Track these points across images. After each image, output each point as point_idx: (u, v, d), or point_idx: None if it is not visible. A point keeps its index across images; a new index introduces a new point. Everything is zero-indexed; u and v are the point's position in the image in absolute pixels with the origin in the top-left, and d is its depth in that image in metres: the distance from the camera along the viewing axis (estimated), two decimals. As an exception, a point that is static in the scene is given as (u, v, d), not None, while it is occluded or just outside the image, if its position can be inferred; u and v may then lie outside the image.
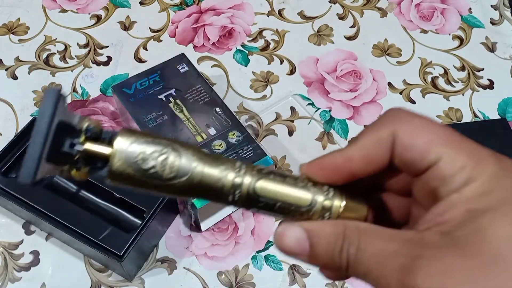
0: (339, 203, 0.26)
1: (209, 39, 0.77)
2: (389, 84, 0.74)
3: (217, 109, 0.61)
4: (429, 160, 0.23)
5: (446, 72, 0.75)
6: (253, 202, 0.26)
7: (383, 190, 0.28)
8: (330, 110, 0.71)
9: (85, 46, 0.76)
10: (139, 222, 0.56)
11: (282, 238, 0.25)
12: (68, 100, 0.71)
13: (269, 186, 0.26)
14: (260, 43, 0.77)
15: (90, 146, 0.25)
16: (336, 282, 0.58)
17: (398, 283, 0.22)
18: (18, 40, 0.76)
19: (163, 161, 0.25)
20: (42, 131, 0.23)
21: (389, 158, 0.25)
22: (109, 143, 0.25)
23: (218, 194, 0.25)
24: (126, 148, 0.25)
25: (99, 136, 0.25)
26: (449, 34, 0.80)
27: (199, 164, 0.25)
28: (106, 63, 0.74)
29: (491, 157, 0.23)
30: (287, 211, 0.26)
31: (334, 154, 0.26)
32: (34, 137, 0.23)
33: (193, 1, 0.82)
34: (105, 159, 0.25)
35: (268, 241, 0.60)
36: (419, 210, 0.26)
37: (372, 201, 0.27)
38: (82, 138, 0.25)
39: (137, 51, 0.76)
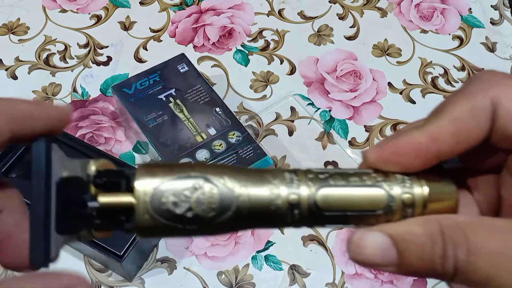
0: (421, 194, 0.21)
1: (209, 39, 0.77)
2: (389, 84, 0.74)
3: (217, 109, 0.61)
4: None
5: (446, 72, 0.75)
6: (318, 218, 0.21)
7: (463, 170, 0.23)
8: (330, 110, 0.71)
9: (85, 46, 0.76)
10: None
11: (360, 249, 0.20)
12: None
13: (332, 195, 0.21)
14: (260, 43, 0.77)
15: (105, 198, 0.20)
16: (336, 282, 0.58)
17: None
18: (18, 40, 0.76)
19: (199, 199, 0.20)
20: (41, 201, 0.18)
21: (487, 133, 0.20)
22: (128, 187, 0.20)
23: (274, 219, 0.21)
24: (150, 194, 0.20)
25: (112, 181, 0.21)
26: (449, 34, 0.80)
27: (242, 188, 0.20)
28: (106, 63, 0.74)
29: None
30: (360, 218, 0.21)
31: (412, 133, 0.20)
32: (33, 209, 0.18)
33: (193, 1, 0.82)
34: (127, 210, 0.20)
35: (268, 241, 0.60)
36: None
37: (457, 184, 0.22)
38: (92, 190, 0.21)
39: (137, 51, 0.76)
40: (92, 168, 0.21)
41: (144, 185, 0.20)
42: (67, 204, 0.20)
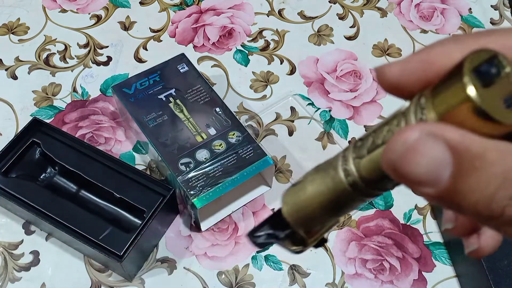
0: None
1: (209, 39, 0.77)
2: (389, 84, 0.74)
3: (217, 109, 0.61)
4: None
5: (446, 72, 0.75)
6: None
7: None
8: (330, 110, 0.71)
9: (85, 46, 0.76)
10: (139, 222, 0.56)
11: (413, 158, 0.15)
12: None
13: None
14: (260, 43, 0.77)
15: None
16: (336, 282, 0.58)
17: None
18: (18, 40, 0.76)
19: None
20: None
21: None
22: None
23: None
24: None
25: None
26: (449, 34, 0.80)
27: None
28: (106, 63, 0.74)
29: None
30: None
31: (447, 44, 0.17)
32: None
33: (193, 1, 0.82)
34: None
35: (268, 241, 0.60)
36: None
37: None
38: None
39: (137, 51, 0.76)
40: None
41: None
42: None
